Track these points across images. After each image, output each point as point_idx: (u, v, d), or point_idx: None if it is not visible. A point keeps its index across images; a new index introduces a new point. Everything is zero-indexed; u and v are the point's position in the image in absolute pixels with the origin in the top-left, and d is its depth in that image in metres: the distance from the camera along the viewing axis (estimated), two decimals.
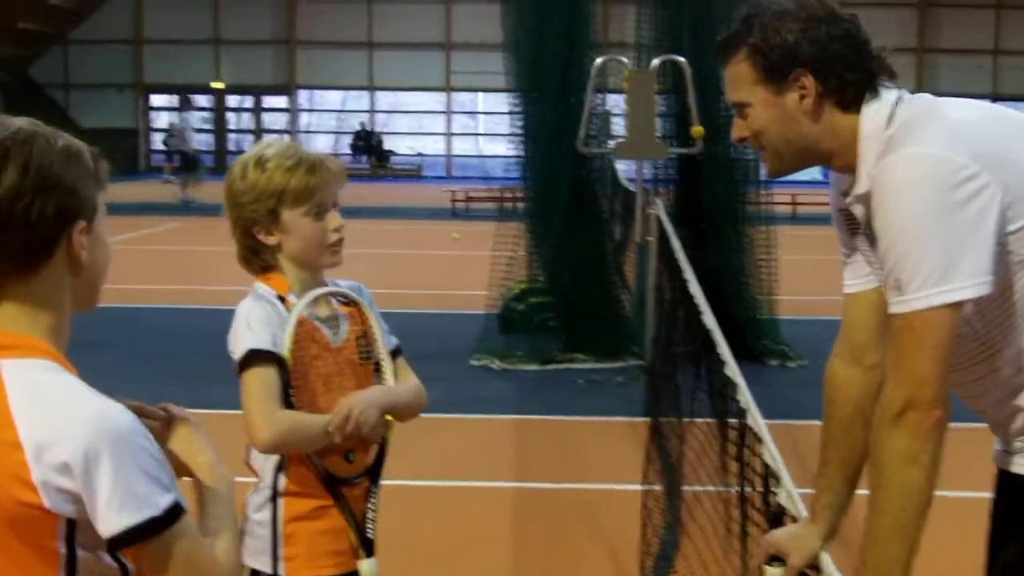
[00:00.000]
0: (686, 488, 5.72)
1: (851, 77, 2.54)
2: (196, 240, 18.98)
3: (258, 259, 3.02)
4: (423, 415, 3.27)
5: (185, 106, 34.36)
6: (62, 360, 1.87)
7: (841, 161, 2.62)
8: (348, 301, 3.06)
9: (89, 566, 1.81)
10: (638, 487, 6.05)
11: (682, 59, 9.26)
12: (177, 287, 14.23)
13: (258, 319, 2.89)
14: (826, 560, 2.62)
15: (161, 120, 43.43)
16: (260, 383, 2.84)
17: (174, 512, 1.80)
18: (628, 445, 7.44)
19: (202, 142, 43.71)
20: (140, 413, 1.98)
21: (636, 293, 10.64)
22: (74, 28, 40.82)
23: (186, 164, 29.29)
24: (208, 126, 43.37)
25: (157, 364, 9.91)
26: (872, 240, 2.60)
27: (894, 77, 2.59)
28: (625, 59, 9.75)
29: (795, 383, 9.37)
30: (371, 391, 2.98)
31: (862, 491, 2.82)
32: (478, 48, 36.58)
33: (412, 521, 6.15)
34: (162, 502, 1.79)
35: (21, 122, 1.88)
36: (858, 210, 2.60)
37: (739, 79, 2.61)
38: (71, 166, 1.87)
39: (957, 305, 2.38)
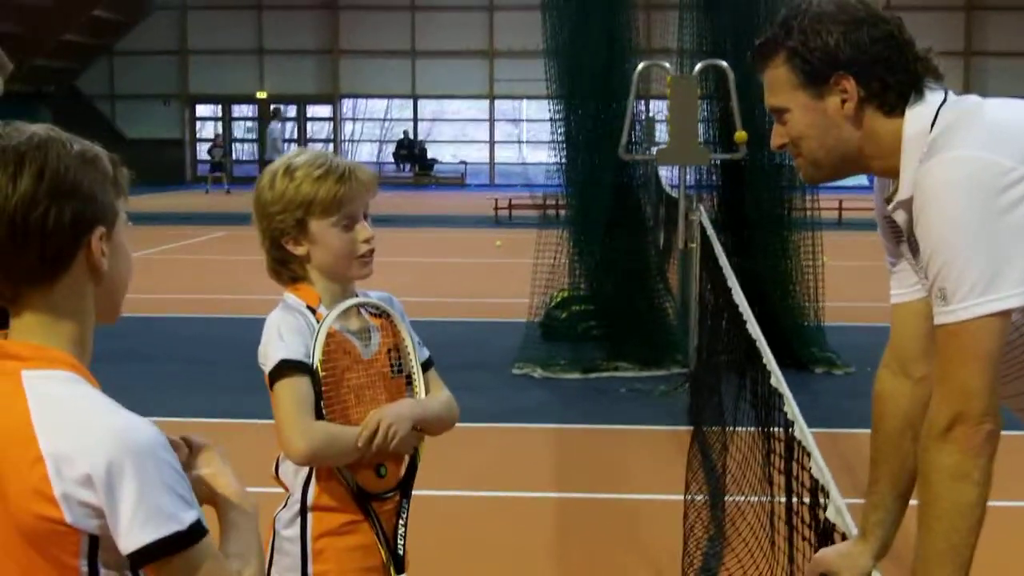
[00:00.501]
0: (729, 499, 5.63)
1: (893, 80, 2.45)
2: (240, 250, 18.99)
3: (287, 270, 2.97)
4: (463, 425, 3.21)
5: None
6: (85, 372, 1.82)
7: (883, 166, 2.52)
8: (379, 313, 3.00)
9: None
10: (680, 498, 5.95)
11: (724, 63, 9.16)
12: (220, 297, 14.26)
13: (289, 329, 2.84)
14: None
15: (206, 130, 43.80)
16: (293, 394, 2.79)
17: (198, 529, 1.75)
18: (671, 455, 7.35)
19: (245, 152, 44.12)
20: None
21: (680, 301, 10.54)
22: (119, 40, 41.21)
23: None
24: (252, 136, 43.69)
25: (197, 375, 9.91)
26: (916, 248, 2.50)
27: (940, 78, 2.49)
28: (667, 64, 9.66)
29: (842, 391, 9.24)
30: (401, 404, 2.93)
31: (916, 501, 2.74)
32: (521, 56, 36.56)
33: (451, 533, 6.09)
34: (187, 518, 1.74)
35: (36, 128, 1.83)
36: (900, 217, 2.51)
37: (778, 84, 2.53)
38: (88, 171, 1.82)
39: (1005, 314, 2.28)
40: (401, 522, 2.92)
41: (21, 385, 1.76)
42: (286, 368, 2.80)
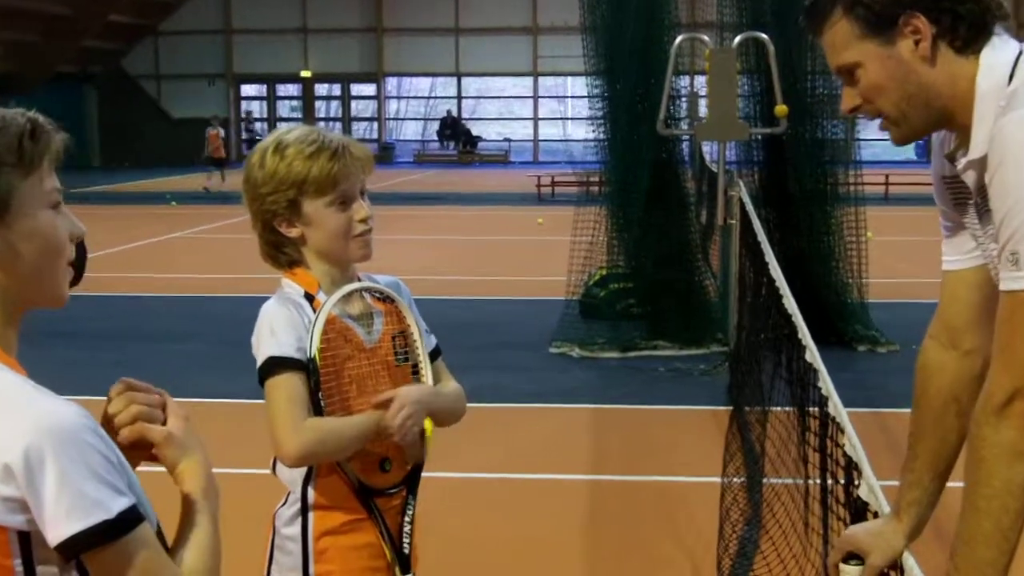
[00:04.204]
0: (765, 481, 5.52)
1: (964, 10, 2.26)
2: None
3: (282, 254, 2.81)
4: (499, 405, 3.09)
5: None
6: (7, 360, 1.70)
7: (958, 119, 2.33)
8: (383, 297, 2.84)
9: None
10: (718, 480, 5.84)
11: (764, 36, 8.99)
12: (262, 276, 14.19)
13: (282, 323, 2.69)
14: (910, 561, 2.42)
15: (252, 109, 43.98)
16: (284, 392, 2.65)
17: (129, 518, 1.63)
18: (710, 436, 7.24)
19: None
20: (129, 387, 1.84)
21: (721, 278, 10.40)
22: (165, 20, 41.37)
23: None
24: (297, 115, 43.79)
25: (241, 355, 9.86)
26: (983, 211, 2.35)
27: (1005, 16, 2.31)
28: (706, 38, 9.50)
29: (885, 369, 9.09)
30: (417, 388, 2.77)
31: (953, 483, 2.62)
32: (565, 32, 36.30)
33: (485, 516, 6.02)
34: (115, 506, 1.61)
35: None
36: (970, 177, 2.32)
37: (840, 40, 2.32)
38: None
39: None
40: (407, 519, 2.78)
41: None
42: (275, 365, 2.66)
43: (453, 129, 42.07)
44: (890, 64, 2.29)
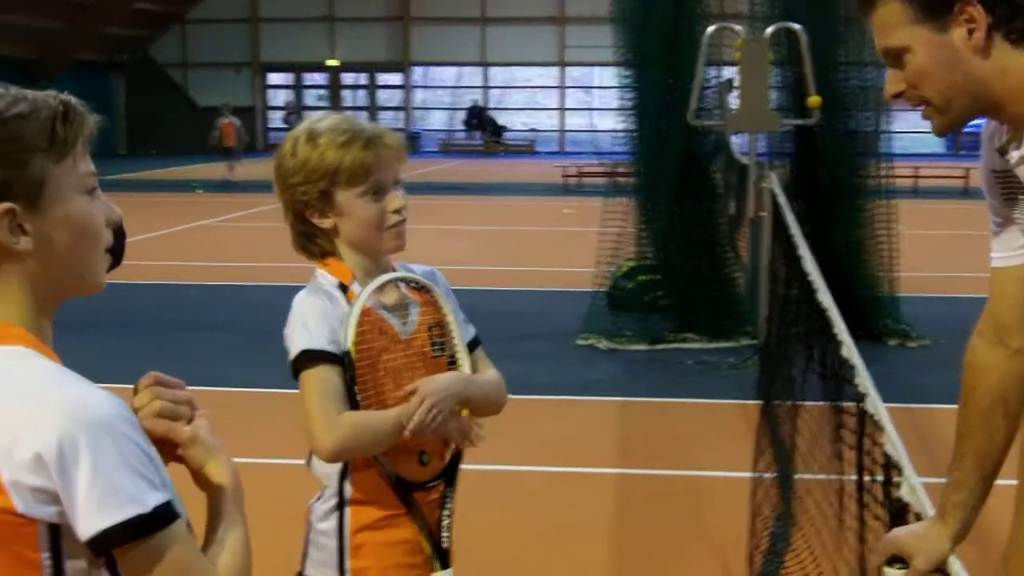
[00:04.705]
0: (797, 477, 5.44)
1: (1022, 2, 2.18)
2: None
3: (315, 245, 2.76)
4: (525, 396, 3.02)
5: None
6: (38, 345, 1.65)
7: (1009, 111, 2.26)
8: (419, 287, 2.77)
9: None
10: (748, 475, 5.77)
11: (797, 26, 8.89)
12: (292, 265, 14.16)
13: (315, 315, 2.64)
14: (956, 565, 2.36)
15: (278, 98, 44.08)
16: (317, 386, 2.59)
17: (164, 513, 1.57)
18: (739, 430, 7.17)
19: None
20: (157, 381, 1.78)
21: (750, 271, 10.31)
22: (192, 8, 41.46)
23: None
24: (324, 104, 43.82)
25: (274, 344, 9.82)
26: None
27: None
28: (738, 27, 9.41)
29: (916, 365, 9.00)
30: (443, 377, 2.69)
31: (1003, 481, 2.56)
32: (591, 22, 36.23)
33: (510, 509, 5.97)
34: (150, 500, 1.55)
35: None
36: (1023, 171, 2.28)
37: (891, 22, 2.25)
38: None
39: None
40: (446, 513, 2.72)
41: None
42: (308, 359, 2.60)
43: (479, 119, 42.04)
44: (940, 52, 2.21)
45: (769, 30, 9.03)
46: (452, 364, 2.76)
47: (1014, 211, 2.42)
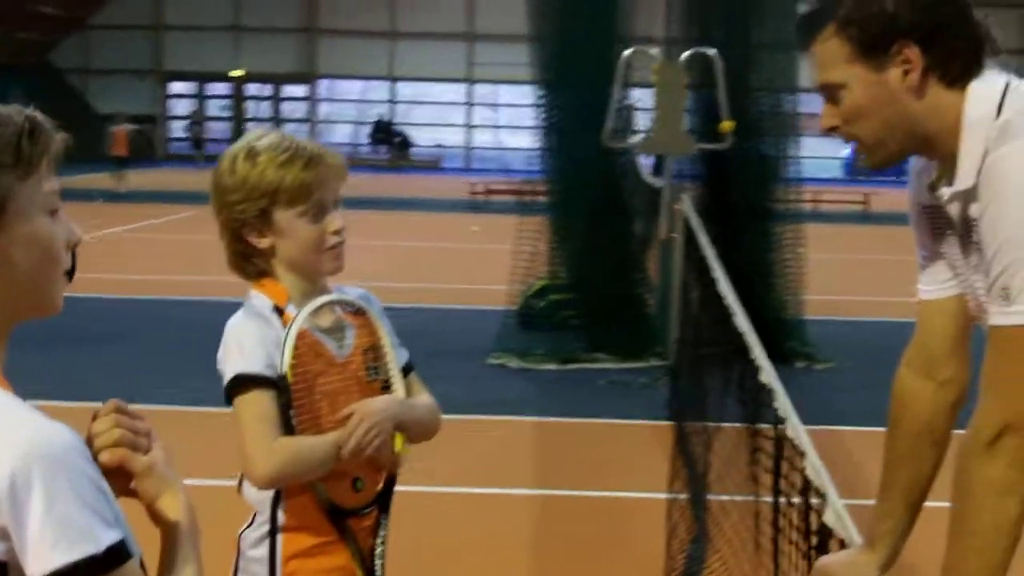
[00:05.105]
0: (712, 498, 5.49)
1: (957, 46, 2.23)
2: (214, 229, 18.75)
3: (250, 264, 2.70)
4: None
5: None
6: None
7: (940, 149, 2.31)
8: (354, 310, 2.73)
9: None
10: (663, 495, 5.81)
11: (712, 51, 9.01)
12: (193, 278, 14.01)
13: (250, 339, 2.58)
14: None
15: (180, 108, 43.56)
16: (253, 411, 2.54)
17: (119, 553, 1.50)
18: (653, 450, 7.21)
19: (219, 131, 43.89)
20: (118, 409, 1.72)
21: (660, 292, 10.40)
22: (95, 13, 40.80)
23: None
24: (226, 114, 43.45)
25: (171, 358, 9.70)
26: (966, 242, 2.32)
27: (997, 51, 2.28)
28: (654, 51, 9.51)
29: (823, 386, 9.15)
30: (380, 400, 2.66)
31: (934, 503, 2.59)
32: (501, 39, 36.42)
33: (424, 532, 5.92)
34: (104, 538, 1.49)
35: None
36: (954, 208, 2.30)
37: (830, 58, 2.28)
38: None
39: None
40: (379, 540, 2.69)
41: None
42: (243, 383, 2.55)
43: (386, 133, 41.94)
44: (876, 90, 2.26)
45: (685, 55, 9.14)
46: (386, 388, 2.73)
47: (942, 245, 2.46)
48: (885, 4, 2.21)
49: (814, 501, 2.70)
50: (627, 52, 9.30)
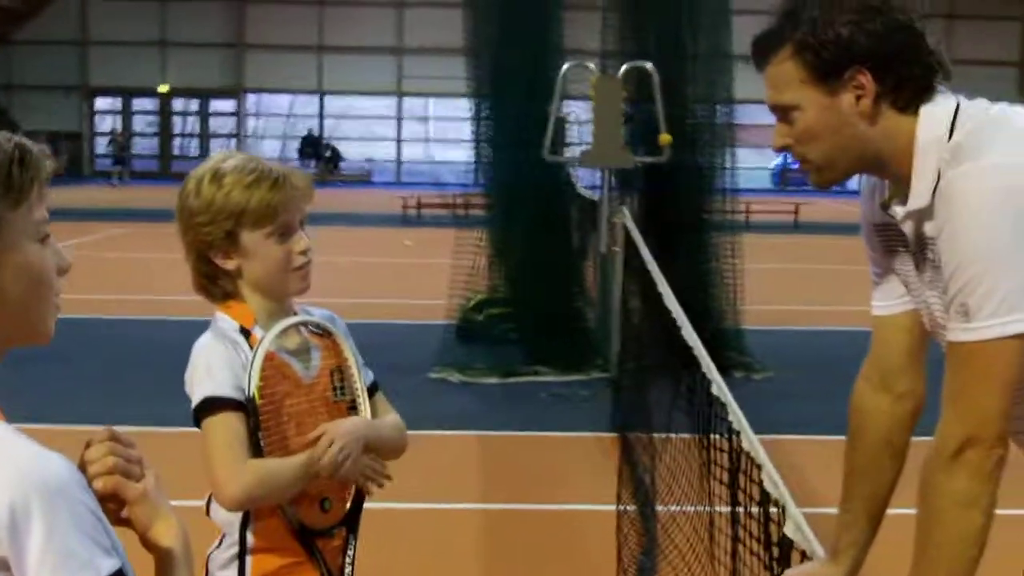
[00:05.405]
0: (662, 509, 5.51)
1: (910, 74, 2.28)
2: (142, 246, 18.59)
3: (216, 286, 2.70)
4: None
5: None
6: None
7: (892, 170, 2.36)
8: (320, 331, 2.75)
9: None
10: (611, 507, 5.83)
11: (649, 65, 9.08)
12: (126, 297, 13.84)
13: (218, 361, 2.59)
14: None
15: (106, 124, 43.10)
16: (222, 433, 2.55)
17: None
18: (599, 462, 7.23)
19: (146, 147, 43.48)
20: (113, 437, 1.73)
21: (599, 304, 10.45)
22: (19, 29, 40.24)
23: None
24: (153, 130, 43.06)
25: (111, 379, 9.59)
26: (920, 259, 2.37)
27: (949, 77, 2.34)
28: (592, 65, 9.56)
29: (762, 395, 9.21)
30: (349, 420, 2.69)
31: (896, 510, 2.64)
32: (431, 53, 36.44)
33: (376, 549, 5.87)
34: (104, 567, 1.49)
35: None
36: (908, 227, 2.35)
37: (784, 79, 2.33)
38: None
39: None
40: (348, 560, 2.70)
41: None
42: (212, 406, 2.56)
43: (315, 147, 41.76)
44: (828, 114, 2.31)
45: (623, 69, 9.20)
46: (353, 409, 2.75)
47: (894, 262, 2.51)
48: (840, 30, 2.26)
49: (772, 510, 2.73)
50: (566, 66, 9.34)
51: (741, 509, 3.16)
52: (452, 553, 5.95)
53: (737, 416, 3.30)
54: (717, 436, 3.65)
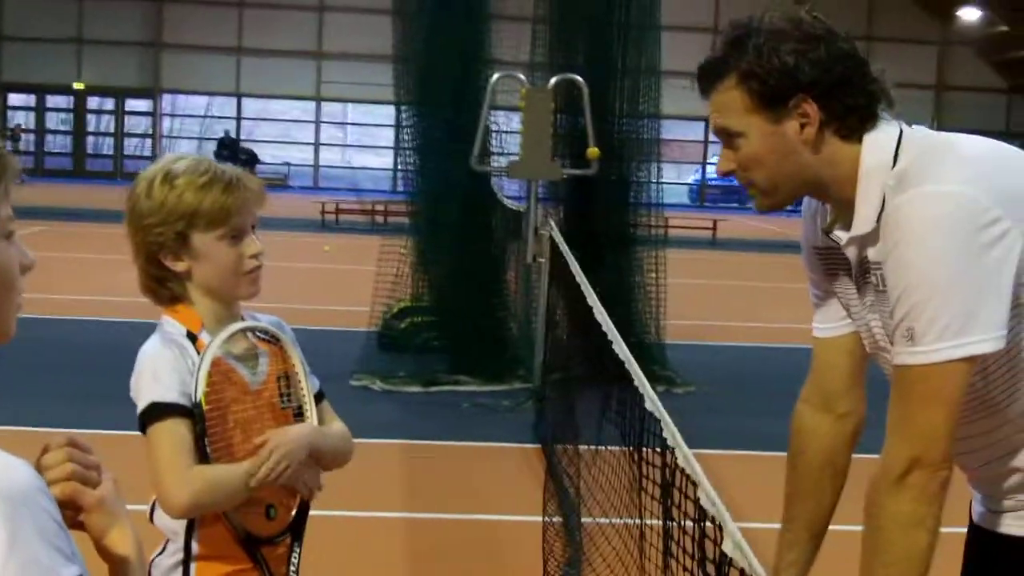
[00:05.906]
0: (591, 521, 5.52)
1: (854, 102, 2.31)
2: (63, 246, 18.21)
3: (164, 289, 2.67)
4: None
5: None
6: None
7: (836, 195, 2.39)
8: (268, 337, 2.73)
9: None
10: (535, 518, 5.83)
11: (579, 78, 9.12)
12: (47, 296, 13.53)
13: (165, 366, 2.56)
14: None
15: (19, 120, 42.38)
16: (168, 439, 2.51)
17: None
18: (522, 473, 7.24)
19: (59, 145, 42.78)
20: (72, 443, 1.70)
21: (523, 315, 10.46)
22: None
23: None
24: (66, 128, 42.42)
25: (36, 380, 9.35)
26: (862, 283, 2.40)
27: (892, 104, 2.38)
28: (522, 76, 9.58)
29: (686, 410, 9.20)
30: (294, 427, 2.67)
31: (838, 526, 2.67)
32: (350, 58, 36.30)
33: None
34: (65, 574, 1.46)
35: None
36: (852, 252, 2.39)
37: (729, 107, 2.35)
38: None
39: (973, 359, 2.20)
40: (292, 569, 2.68)
41: None
42: (158, 411, 2.53)
43: (231, 149, 41.35)
44: (772, 141, 2.33)
45: (553, 81, 9.22)
46: (299, 415, 2.73)
47: (835, 285, 2.55)
48: (786, 59, 2.28)
49: (707, 525, 2.74)
50: (496, 76, 9.35)
51: (673, 523, 3.18)
52: (374, 562, 5.91)
53: (672, 431, 3.31)
54: (649, 450, 3.67)
